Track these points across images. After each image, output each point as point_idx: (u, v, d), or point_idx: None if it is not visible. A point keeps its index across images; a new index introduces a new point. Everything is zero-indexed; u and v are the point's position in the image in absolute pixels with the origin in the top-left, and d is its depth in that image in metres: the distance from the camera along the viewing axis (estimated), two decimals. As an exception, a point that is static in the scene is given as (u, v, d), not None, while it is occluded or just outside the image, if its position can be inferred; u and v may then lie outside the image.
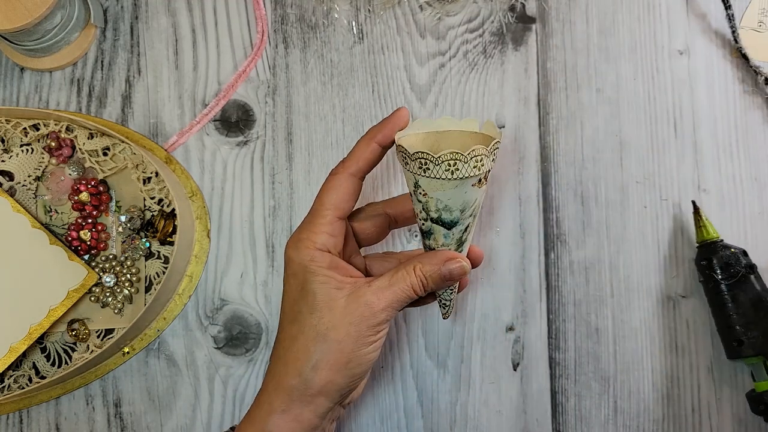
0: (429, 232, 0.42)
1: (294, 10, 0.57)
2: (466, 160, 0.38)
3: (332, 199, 0.43)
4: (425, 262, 0.42)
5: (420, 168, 0.38)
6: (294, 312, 0.42)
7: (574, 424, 0.54)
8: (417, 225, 0.43)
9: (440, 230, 0.41)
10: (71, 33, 0.54)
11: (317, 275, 0.42)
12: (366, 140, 0.43)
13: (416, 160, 0.38)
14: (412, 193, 0.41)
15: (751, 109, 0.57)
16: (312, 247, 0.42)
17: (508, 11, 0.57)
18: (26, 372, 0.52)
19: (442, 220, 0.41)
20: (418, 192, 0.40)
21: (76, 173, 0.53)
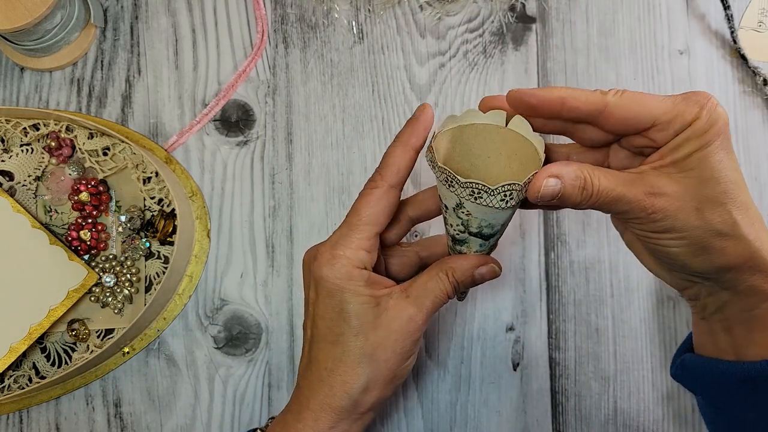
0: (463, 241, 0.41)
1: (294, 10, 0.57)
2: (522, 189, 0.37)
3: (372, 213, 0.41)
4: (457, 267, 0.41)
5: (471, 195, 0.37)
6: (335, 334, 0.41)
7: (574, 424, 0.54)
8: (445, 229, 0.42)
9: (477, 241, 0.41)
10: (71, 33, 0.54)
11: (357, 296, 0.41)
12: (402, 147, 0.42)
13: (467, 187, 0.37)
14: (452, 208, 0.39)
15: (751, 109, 0.57)
16: (350, 265, 0.41)
17: (508, 11, 0.57)
18: (26, 372, 0.52)
19: (482, 234, 0.40)
20: (460, 211, 0.39)
21: (76, 173, 0.53)
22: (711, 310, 0.39)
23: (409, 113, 0.56)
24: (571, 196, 0.36)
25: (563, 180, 0.35)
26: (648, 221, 0.35)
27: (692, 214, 0.35)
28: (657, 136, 0.36)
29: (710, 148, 0.35)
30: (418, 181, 0.56)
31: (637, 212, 0.35)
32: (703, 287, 0.39)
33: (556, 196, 0.36)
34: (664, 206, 0.35)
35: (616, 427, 0.54)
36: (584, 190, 0.35)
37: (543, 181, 0.35)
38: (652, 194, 0.35)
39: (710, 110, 0.35)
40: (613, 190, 0.35)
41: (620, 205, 0.35)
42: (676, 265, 0.38)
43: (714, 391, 0.40)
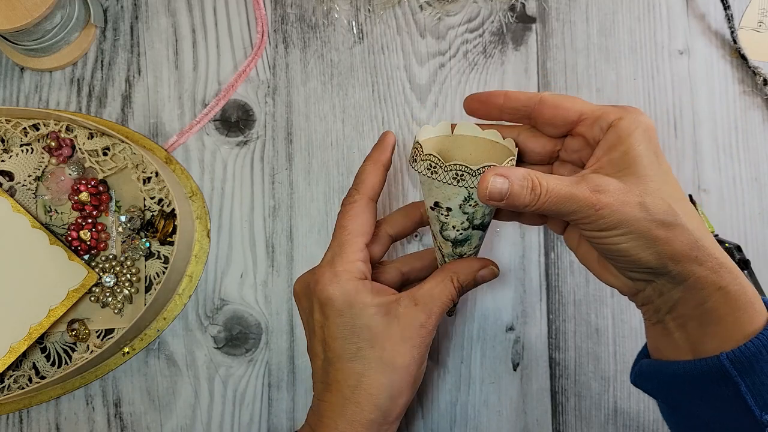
0: (464, 240, 0.43)
1: (294, 10, 0.57)
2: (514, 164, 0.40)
3: (358, 225, 0.43)
4: (460, 271, 0.44)
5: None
6: (352, 351, 0.42)
7: (574, 424, 0.54)
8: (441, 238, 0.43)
9: (477, 234, 0.43)
10: (71, 33, 0.54)
11: (366, 308, 0.42)
12: (372, 164, 0.44)
13: (480, 174, 0.39)
14: (457, 206, 0.41)
15: (751, 109, 0.57)
16: (353, 278, 0.42)
17: (508, 11, 0.57)
18: (26, 372, 0.52)
19: (483, 224, 0.42)
20: (467, 205, 0.41)
21: (76, 173, 0.53)
22: (664, 310, 0.40)
23: (410, 113, 0.56)
24: (519, 195, 0.37)
25: (510, 179, 0.37)
26: (596, 218, 0.37)
27: (636, 207, 0.37)
28: (585, 131, 0.41)
29: (639, 148, 0.38)
30: (418, 181, 0.56)
31: (585, 210, 0.37)
32: (655, 287, 0.40)
33: (504, 195, 0.38)
34: (609, 201, 0.37)
35: (616, 427, 0.54)
36: (533, 191, 0.37)
37: (490, 179, 0.37)
38: (597, 191, 0.37)
39: (633, 115, 0.39)
40: (561, 189, 0.37)
41: (569, 204, 0.37)
42: (628, 263, 0.39)
43: (673, 392, 0.41)
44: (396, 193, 0.56)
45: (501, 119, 0.44)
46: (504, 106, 0.42)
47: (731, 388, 0.37)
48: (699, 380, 0.38)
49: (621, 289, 0.42)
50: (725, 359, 0.37)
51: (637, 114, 0.39)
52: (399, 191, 0.56)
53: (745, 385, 0.37)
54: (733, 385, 0.37)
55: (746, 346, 0.37)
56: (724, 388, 0.37)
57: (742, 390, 0.37)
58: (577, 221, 0.38)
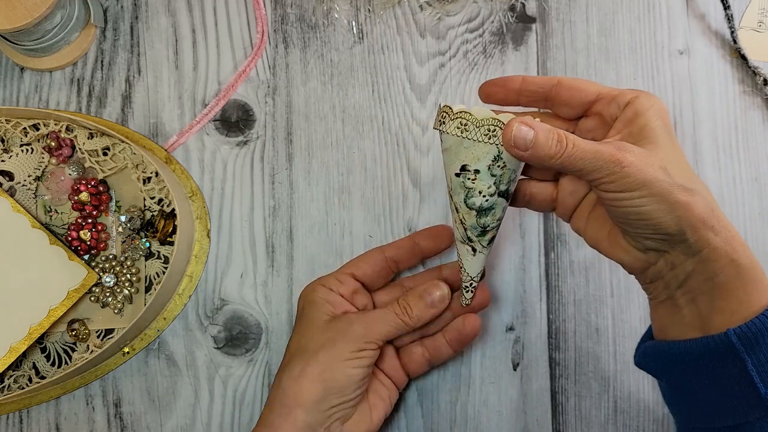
0: (489, 209, 0.43)
1: (294, 10, 0.57)
2: None
3: (356, 261, 0.50)
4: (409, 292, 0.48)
5: None
6: (294, 339, 0.47)
7: (574, 424, 0.54)
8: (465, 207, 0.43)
9: (501, 203, 0.43)
10: (71, 33, 0.54)
11: (311, 303, 0.47)
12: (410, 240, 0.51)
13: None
14: (485, 168, 0.41)
15: (751, 109, 0.57)
16: (317, 287, 0.48)
17: (508, 11, 0.57)
18: (26, 372, 0.52)
19: (508, 192, 0.43)
20: (496, 165, 0.41)
21: (76, 173, 0.53)
22: (674, 285, 0.40)
23: (410, 113, 0.56)
24: (544, 145, 0.38)
25: (535, 129, 0.38)
26: (621, 176, 0.37)
27: (658, 170, 0.38)
28: (603, 109, 0.42)
29: (656, 123, 0.39)
30: (418, 181, 0.56)
31: (610, 166, 0.37)
32: (667, 259, 0.40)
33: (529, 144, 0.38)
34: (633, 160, 0.37)
35: (616, 427, 0.54)
36: (559, 143, 0.38)
37: (515, 125, 0.38)
38: (621, 149, 0.38)
39: (648, 95, 0.40)
40: (588, 144, 0.38)
41: (594, 160, 0.37)
42: (646, 229, 0.39)
43: (678, 372, 0.41)
44: (396, 193, 0.56)
45: (518, 103, 0.44)
46: (521, 90, 0.43)
47: (737, 365, 0.37)
48: (705, 358, 0.38)
49: (631, 265, 0.42)
50: (733, 335, 0.37)
51: (651, 95, 0.40)
52: (399, 191, 0.56)
53: (751, 362, 0.37)
54: (740, 362, 0.37)
55: (753, 322, 0.37)
56: (730, 365, 0.37)
57: (748, 367, 0.37)
58: (600, 180, 0.38)
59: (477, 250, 0.45)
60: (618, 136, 0.40)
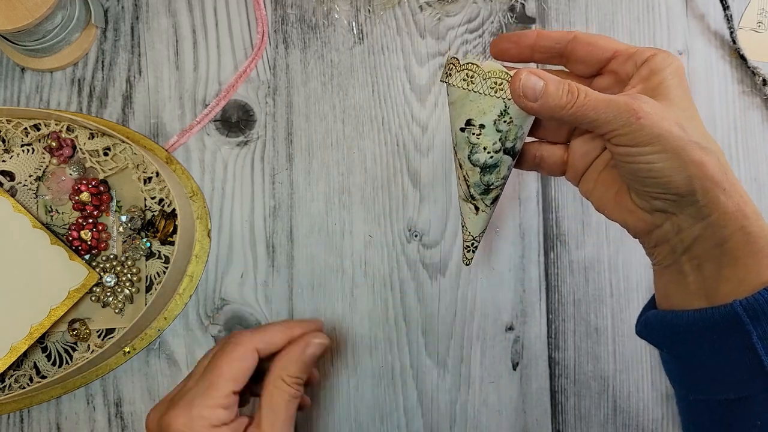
0: (494, 166, 0.41)
1: (294, 11, 0.57)
2: None
3: (233, 371, 0.42)
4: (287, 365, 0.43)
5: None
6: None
7: (573, 424, 0.54)
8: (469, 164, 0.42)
9: (507, 161, 0.42)
10: (72, 33, 0.54)
11: None
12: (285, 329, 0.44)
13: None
14: (491, 124, 0.40)
15: (751, 109, 0.57)
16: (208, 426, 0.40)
17: (508, 11, 0.57)
18: (27, 372, 0.52)
19: (514, 150, 0.41)
20: (502, 120, 0.40)
21: (76, 173, 0.53)
22: (680, 250, 0.39)
23: (410, 113, 0.56)
24: (554, 95, 0.37)
25: (545, 79, 0.37)
26: (636, 128, 0.36)
27: (674, 125, 0.36)
28: (618, 67, 0.40)
29: (673, 81, 0.38)
30: (418, 181, 0.56)
31: (625, 117, 0.36)
32: (674, 222, 0.38)
33: (538, 94, 0.37)
34: (649, 111, 0.36)
35: (615, 427, 0.54)
36: (570, 93, 0.37)
37: (523, 75, 0.37)
38: (638, 100, 0.36)
39: (667, 53, 0.39)
40: (600, 94, 0.37)
41: (608, 110, 0.36)
42: (657, 187, 0.37)
43: (681, 343, 0.39)
44: (396, 193, 0.56)
45: (532, 59, 0.43)
46: (536, 45, 0.42)
47: (742, 337, 0.36)
48: (710, 329, 0.37)
49: (635, 226, 0.40)
50: (738, 306, 0.36)
51: (669, 54, 0.39)
52: (399, 191, 0.56)
53: (756, 334, 0.36)
54: (745, 334, 0.36)
55: (762, 293, 0.36)
56: (735, 337, 0.36)
57: (753, 339, 0.36)
58: (613, 132, 0.37)
59: (480, 208, 0.43)
60: (633, 91, 0.39)
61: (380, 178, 0.56)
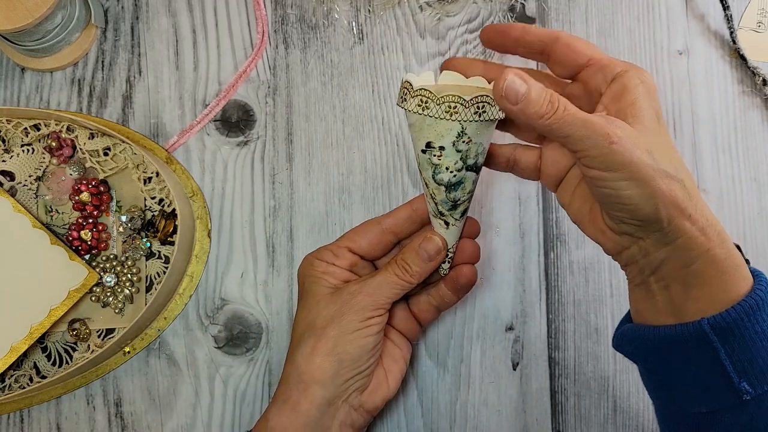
0: (458, 183, 0.42)
1: (294, 11, 0.57)
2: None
3: (354, 234, 0.47)
4: (404, 252, 0.45)
5: (476, 113, 0.39)
6: (298, 317, 0.46)
7: (573, 424, 0.54)
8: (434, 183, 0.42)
9: (471, 177, 0.42)
10: (72, 33, 0.54)
11: (311, 278, 0.46)
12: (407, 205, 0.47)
13: (474, 105, 0.38)
14: (450, 144, 0.40)
15: (751, 109, 0.57)
16: (314, 261, 0.47)
17: (508, 11, 0.57)
18: (27, 372, 0.52)
19: (476, 165, 0.42)
20: (460, 141, 0.40)
21: (76, 173, 0.53)
22: (648, 271, 0.40)
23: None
24: (536, 102, 0.37)
25: (529, 84, 0.37)
26: (608, 152, 0.36)
27: (644, 153, 0.37)
28: (588, 77, 0.41)
29: (644, 103, 0.38)
30: (418, 181, 0.56)
31: (598, 139, 0.36)
32: (641, 246, 0.39)
33: (520, 98, 0.37)
34: (622, 136, 0.36)
35: (615, 427, 0.54)
36: (550, 103, 0.37)
37: (509, 77, 0.37)
38: (612, 124, 0.37)
39: (639, 70, 0.39)
40: (579, 111, 0.37)
41: (583, 129, 0.37)
42: (624, 212, 0.38)
43: (653, 357, 0.40)
44: (396, 193, 0.56)
45: (515, 52, 0.43)
46: (521, 39, 0.42)
47: (711, 353, 0.37)
48: (679, 345, 0.38)
49: (606, 246, 0.41)
50: (706, 324, 0.37)
51: (642, 71, 0.39)
52: (399, 191, 0.56)
53: (724, 351, 0.36)
54: (713, 351, 0.37)
55: (728, 312, 0.37)
56: (704, 353, 0.37)
57: (721, 356, 0.36)
58: (585, 152, 0.37)
59: (450, 223, 0.45)
60: (605, 112, 0.39)
61: (380, 178, 0.56)
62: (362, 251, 0.47)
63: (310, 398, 0.43)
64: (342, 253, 0.47)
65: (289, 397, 0.44)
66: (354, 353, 0.44)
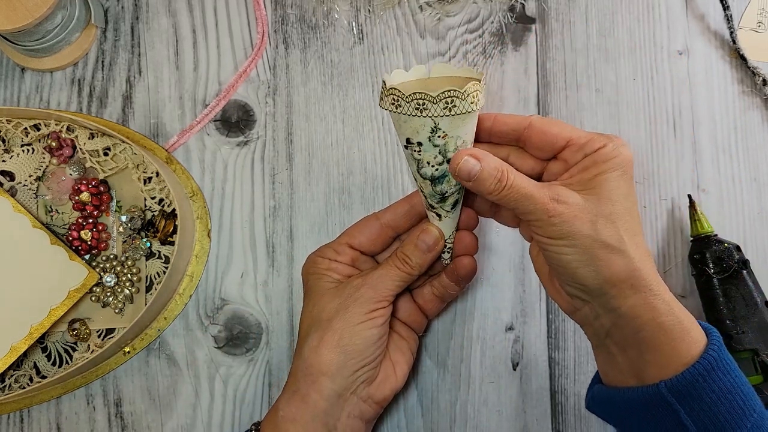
0: (442, 177, 0.43)
1: (294, 11, 0.57)
2: (481, 88, 0.40)
3: (353, 230, 0.48)
4: (404, 245, 0.46)
5: (445, 107, 0.39)
6: (304, 313, 0.47)
7: (573, 424, 0.54)
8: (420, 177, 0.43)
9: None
10: (72, 33, 0.54)
11: (315, 275, 0.47)
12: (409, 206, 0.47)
13: (442, 100, 0.39)
14: (426, 140, 0.41)
15: (750, 109, 0.57)
16: (316, 259, 0.48)
17: (508, 11, 0.57)
18: (27, 372, 0.52)
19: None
20: (436, 136, 0.41)
21: (76, 173, 0.53)
22: (602, 334, 0.42)
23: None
24: (485, 181, 0.40)
25: (483, 164, 0.40)
26: (547, 224, 0.39)
27: (586, 224, 0.39)
28: (569, 157, 0.42)
29: (611, 174, 0.40)
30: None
31: (539, 213, 0.39)
32: (591, 308, 0.41)
33: (472, 176, 0.40)
34: (562, 212, 0.39)
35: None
36: (499, 182, 0.40)
37: (463, 158, 0.40)
38: (555, 200, 0.39)
39: (617, 144, 0.40)
40: (525, 188, 0.39)
41: (527, 203, 0.39)
42: (567, 277, 0.40)
43: (623, 418, 0.42)
44: (396, 193, 0.56)
45: (490, 141, 0.45)
46: (492, 130, 0.44)
47: (673, 414, 0.38)
48: (644, 406, 0.39)
49: (561, 305, 0.44)
50: (663, 387, 0.38)
51: (620, 144, 0.41)
52: (399, 191, 0.56)
53: (684, 412, 0.38)
54: (674, 412, 0.38)
55: (683, 375, 0.38)
56: (666, 414, 0.38)
57: (682, 416, 0.38)
58: (531, 223, 0.40)
59: (441, 215, 0.45)
60: (567, 180, 0.41)
61: (380, 178, 0.56)
62: (362, 247, 0.48)
63: (318, 390, 0.44)
64: (343, 249, 0.47)
65: (298, 388, 0.44)
66: (360, 345, 0.44)
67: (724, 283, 0.51)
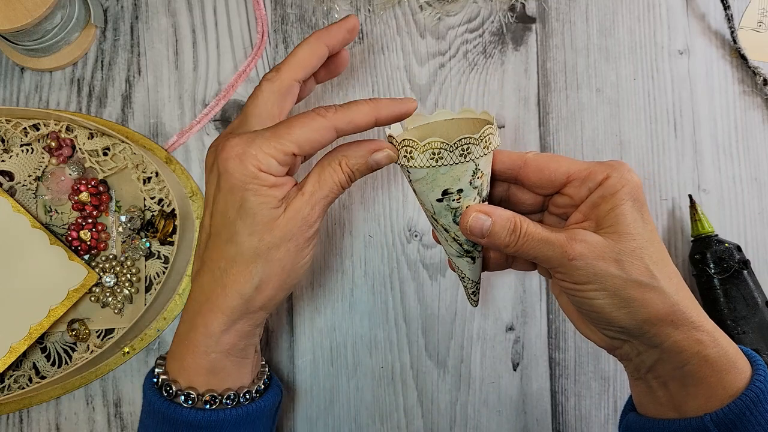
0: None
1: (294, 10, 0.57)
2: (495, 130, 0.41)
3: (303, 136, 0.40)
4: (350, 155, 0.41)
5: (485, 147, 0.39)
6: (230, 232, 0.40)
7: (573, 424, 0.54)
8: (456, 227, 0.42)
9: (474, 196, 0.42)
10: (71, 33, 0.54)
11: (258, 195, 0.39)
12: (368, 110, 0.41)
13: (482, 140, 0.39)
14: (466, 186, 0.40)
15: (751, 109, 0.57)
16: (257, 166, 0.39)
17: (508, 11, 0.57)
18: (26, 372, 0.52)
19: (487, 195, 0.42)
20: (476, 178, 0.40)
21: (76, 173, 0.53)
22: (643, 369, 0.40)
23: (409, 113, 0.56)
24: (499, 234, 0.38)
25: (493, 218, 0.39)
26: (570, 268, 0.37)
27: (612, 264, 0.37)
28: (573, 192, 0.40)
29: (624, 206, 0.38)
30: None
31: (560, 258, 0.37)
32: (632, 346, 0.40)
33: (485, 232, 0.39)
34: (583, 252, 0.37)
35: (615, 427, 0.54)
36: (513, 233, 0.38)
37: (473, 214, 0.39)
38: (573, 239, 0.37)
39: (621, 173, 0.38)
40: (540, 233, 0.38)
41: (545, 248, 0.38)
42: (602, 321, 0.39)
43: None
44: (396, 193, 0.56)
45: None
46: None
47: None
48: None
49: (599, 344, 0.42)
50: (708, 420, 0.37)
51: (624, 171, 0.39)
52: (399, 191, 0.56)
53: None
54: None
55: (729, 407, 0.37)
56: None
57: None
58: (552, 269, 0.39)
59: (475, 257, 0.44)
60: (581, 221, 0.40)
61: (380, 178, 0.56)
62: (303, 152, 0.41)
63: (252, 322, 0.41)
64: (288, 160, 0.40)
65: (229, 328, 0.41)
66: (301, 276, 0.42)
67: (725, 283, 0.51)
